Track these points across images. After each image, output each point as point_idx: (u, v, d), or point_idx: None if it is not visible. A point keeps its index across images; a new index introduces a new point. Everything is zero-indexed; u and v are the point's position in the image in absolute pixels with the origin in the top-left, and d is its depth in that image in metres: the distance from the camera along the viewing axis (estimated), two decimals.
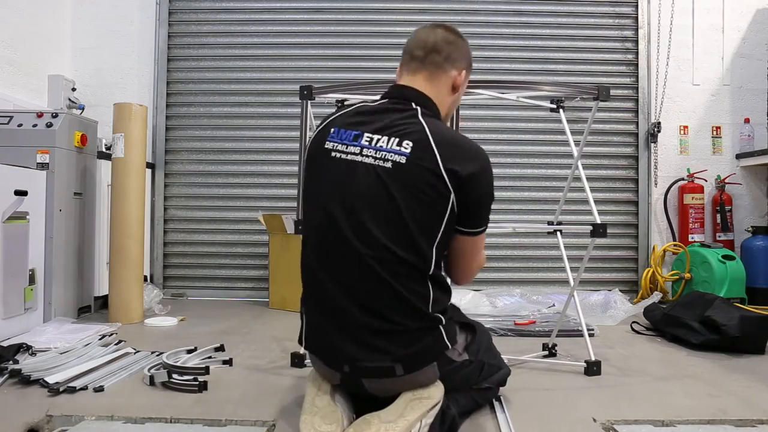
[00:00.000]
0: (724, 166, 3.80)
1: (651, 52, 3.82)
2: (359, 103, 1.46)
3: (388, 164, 1.28)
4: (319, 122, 1.46)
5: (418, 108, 1.36)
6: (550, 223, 2.27)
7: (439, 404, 1.33)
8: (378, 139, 1.31)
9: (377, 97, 1.46)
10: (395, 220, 1.27)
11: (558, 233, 2.21)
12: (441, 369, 1.35)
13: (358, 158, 1.31)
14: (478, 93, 2.06)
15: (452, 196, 1.29)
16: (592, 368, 1.93)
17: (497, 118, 3.79)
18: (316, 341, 1.38)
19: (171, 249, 3.80)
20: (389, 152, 1.29)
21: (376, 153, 1.30)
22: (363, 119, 1.36)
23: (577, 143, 2.11)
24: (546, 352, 2.18)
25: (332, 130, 1.38)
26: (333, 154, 1.34)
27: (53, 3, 3.59)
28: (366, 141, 1.32)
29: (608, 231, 1.90)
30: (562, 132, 2.18)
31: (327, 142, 1.36)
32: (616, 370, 2.01)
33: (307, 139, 2.28)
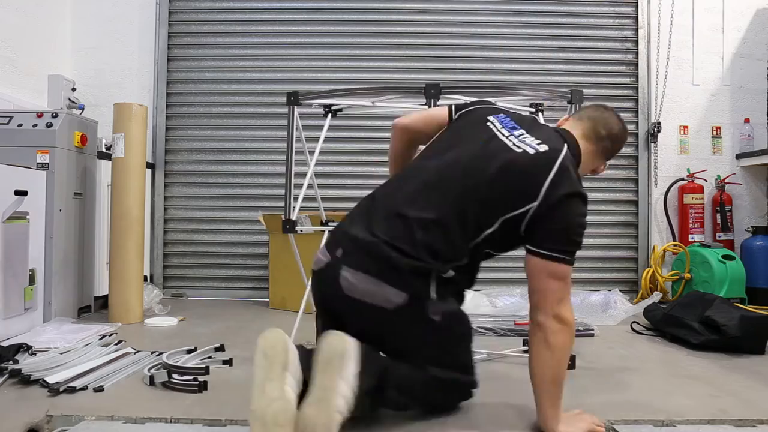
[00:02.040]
0: (724, 166, 3.80)
1: (651, 52, 3.82)
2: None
3: (516, 152, 1.45)
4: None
5: (566, 144, 1.50)
6: None
7: (354, 355, 1.29)
8: (528, 136, 1.49)
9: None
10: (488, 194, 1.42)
11: None
12: (403, 308, 1.36)
13: (507, 142, 1.48)
14: (455, 98, 2.06)
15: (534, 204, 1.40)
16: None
17: None
18: (336, 231, 1.51)
19: (171, 249, 3.80)
20: (527, 146, 1.45)
21: (520, 142, 1.47)
22: (523, 124, 1.55)
23: None
24: (526, 347, 2.19)
25: (495, 117, 1.58)
26: (490, 126, 1.54)
27: (53, 3, 3.59)
28: (520, 133, 1.50)
29: (608, 231, 1.90)
30: None
31: (490, 124, 1.55)
32: (616, 370, 2.01)
33: (294, 144, 2.28)
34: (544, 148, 1.44)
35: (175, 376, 1.72)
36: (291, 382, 1.27)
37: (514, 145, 1.46)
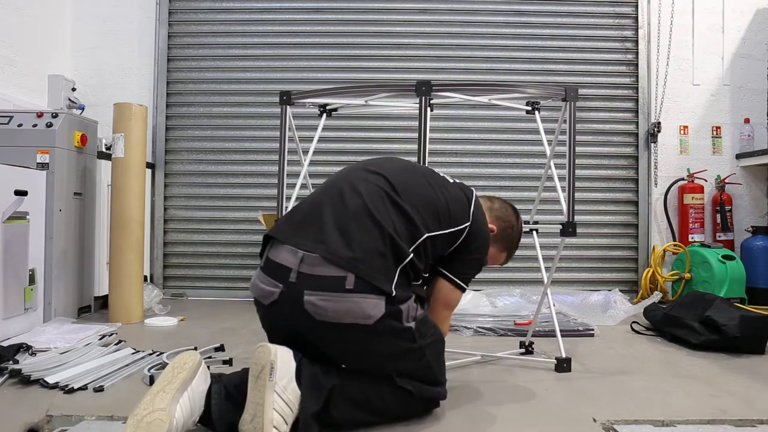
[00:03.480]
0: (724, 166, 3.80)
1: (651, 52, 3.82)
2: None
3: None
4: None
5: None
6: (526, 222, 2.27)
7: (282, 364, 1.25)
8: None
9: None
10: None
11: (534, 232, 2.23)
12: (384, 319, 1.32)
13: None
14: (449, 96, 2.06)
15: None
16: (562, 365, 1.97)
17: (491, 118, 3.80)
18: (278, 231, 1.45)
19: (171, 249, 3.80)
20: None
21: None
22: None
23: (563, 144, 2.10)
24: (523, 350, 2.22)
25: None
26: None
27: (53, 3, 3.59)
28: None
29: (608, 231, 1.91)
30: (551, 132, 2.20)
31: None
32: (615, 370, 2.01)
33: (286, 144, 2.27)
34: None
35: None
36: (185, 402, 1.23)
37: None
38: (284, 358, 1.27)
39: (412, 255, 1.41)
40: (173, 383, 1.23)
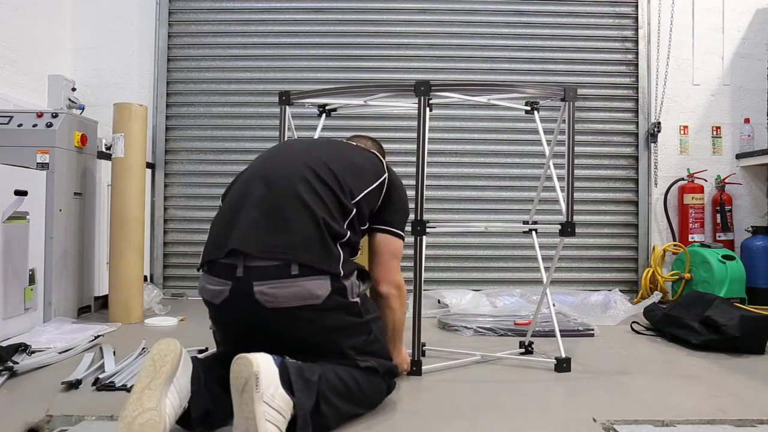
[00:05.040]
0: (724, 166, 3.80)
1: (651, 52, 3.82)
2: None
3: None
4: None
5: None
6: (525, 222, 2.28)
7: (266, 373, 1.22)
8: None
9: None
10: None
11: (533, 232, 2.23)
12: (331, 297, 1.37)
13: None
14: (449, 96, 2.06)
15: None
16: (562, 365, 1.98)
17: (490, 118, 3.80)
18: (215, 245, 1.45)
19: (171, 249, 3.80)
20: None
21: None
22: None
23: (562, 144, 2.11)
24: (522, 350, 2.22)
25: None
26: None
27: (53, 3, 3.59)
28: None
29: (608, 231, 1.91)
30: (550, 132, 2.20)
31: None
32: (615, 370, 2.01)
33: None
34: None
35: None
36: (173, 396, 1.21)
37: None
38: (266, 366, 1.22)
39: (348, 232, 1.47)
40: (158, 378, 1.20)
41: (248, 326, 1.41)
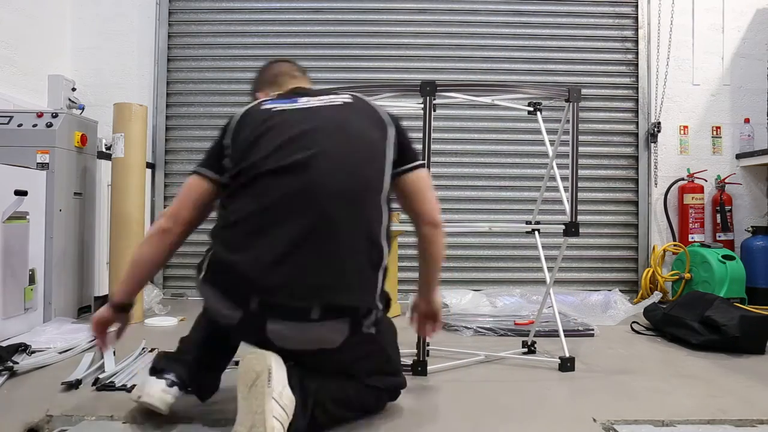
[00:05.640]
0: (724, 166, 3.80)
1: (651, 52, 3.82)
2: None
3: (339, 102, 1.43)
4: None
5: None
6: (528, 222, 2.28)
7: (278, 371, 1.20)
8: (314, 99, 1.44)
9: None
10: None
11: (536, 232, 2.23)
12: (348, 339, 1.31)
13: (311, 104, 1.42)
14: (452, 96, 2.06)
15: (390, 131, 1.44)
16: (566, 364, 1.97)
17: (491, 118, 3.80)
18: (238, 276, 1.27)
19: None
20: (333, 98, 1.43)
21: (320, 100, 1.42)
22: (282, 98, 1.50)
23: (566, 144, 2.11)
24: (525, 350, 2.22)
25: (263, 106, 1.45)
26: (277, 110, 1.41)
27: (53, 3, 3.59)
28: (305, 99, 1.44)
29: (608, 231, 1.91)
30: (554, 132, 2.20)
31: (263, 107, 1.44)
32: (616, 370, 2.01)
33: None
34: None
35: None
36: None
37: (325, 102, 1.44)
38: (278, 364, 1.22)
39: (385, 246, 1.35)
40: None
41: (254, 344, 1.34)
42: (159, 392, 1.37)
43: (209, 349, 1.48)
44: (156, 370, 1.43)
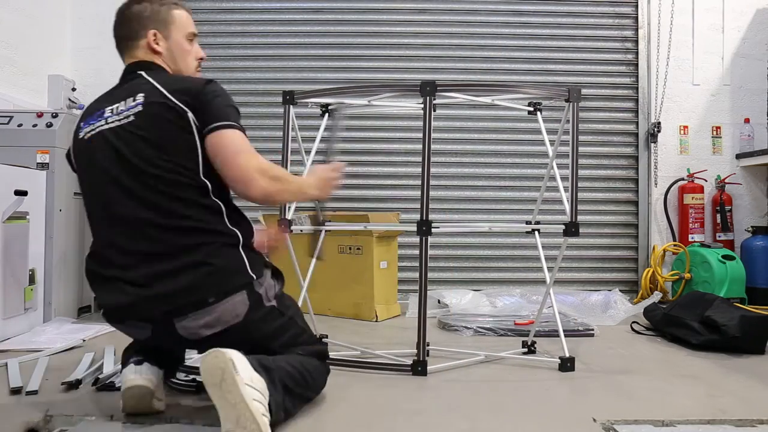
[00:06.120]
0: (724, 166, 3.80)
1: (651, 52, 3.82)
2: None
3: (131, 118, 1.41)
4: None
5: (143, 72, 1.50)
6: (528, 222, 2.28)
7: (232, 363, 1.20)
8: (118, 106, 1.45)
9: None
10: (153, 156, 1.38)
11: (536, 232, 2.23)
12: (250, 311, 1.37)
13: (104, 127, 1.44)
14: (452, 96, 2.06)
15: (189, 115, 1.39)
16: (566, 364, 1.97)
17: (491, 118, 3.80)
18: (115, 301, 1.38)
19: None
20: (128, 110, 1.42)
21: (119, 116, 1.43)
22: (105, 99, 1.52)
23: (566, 144, 2.11)
24: (525, 350, 2.22)
25: (82, 123, 1.52)
26: (83, 136, 1.48)
27: (53, 3, 3.59)
28: (109, 112, 1.46)
29: (608, 231, 1.91)
30: (554, 132, 2.20)
31: (79, 133, 1.51)
32: (616, 370, 2.01)
33: (289, 144, 2.27)
34: (140, 96, 1.42)
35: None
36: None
37: (121, 120, 1.42)
38: (236, 353, 1.23)
39: (222, 205, 1.50)
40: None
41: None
42: (132, 375, 1.41)
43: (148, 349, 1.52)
44: (123, 365, 1.48)
